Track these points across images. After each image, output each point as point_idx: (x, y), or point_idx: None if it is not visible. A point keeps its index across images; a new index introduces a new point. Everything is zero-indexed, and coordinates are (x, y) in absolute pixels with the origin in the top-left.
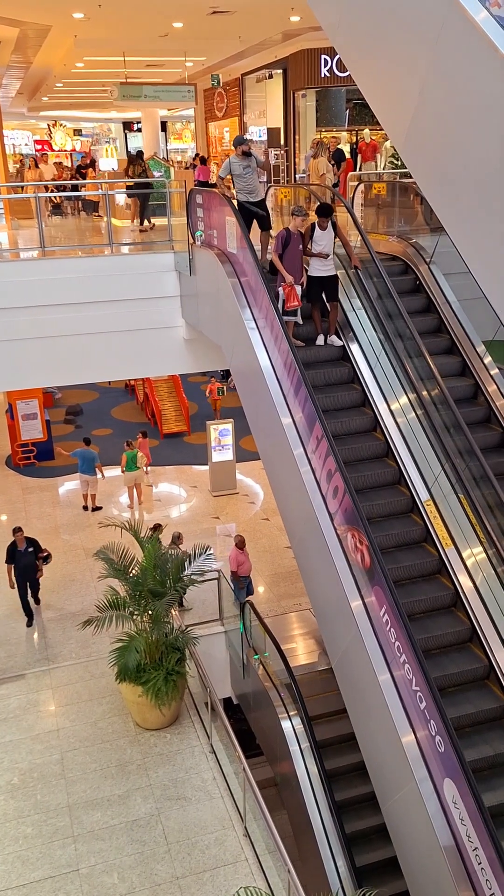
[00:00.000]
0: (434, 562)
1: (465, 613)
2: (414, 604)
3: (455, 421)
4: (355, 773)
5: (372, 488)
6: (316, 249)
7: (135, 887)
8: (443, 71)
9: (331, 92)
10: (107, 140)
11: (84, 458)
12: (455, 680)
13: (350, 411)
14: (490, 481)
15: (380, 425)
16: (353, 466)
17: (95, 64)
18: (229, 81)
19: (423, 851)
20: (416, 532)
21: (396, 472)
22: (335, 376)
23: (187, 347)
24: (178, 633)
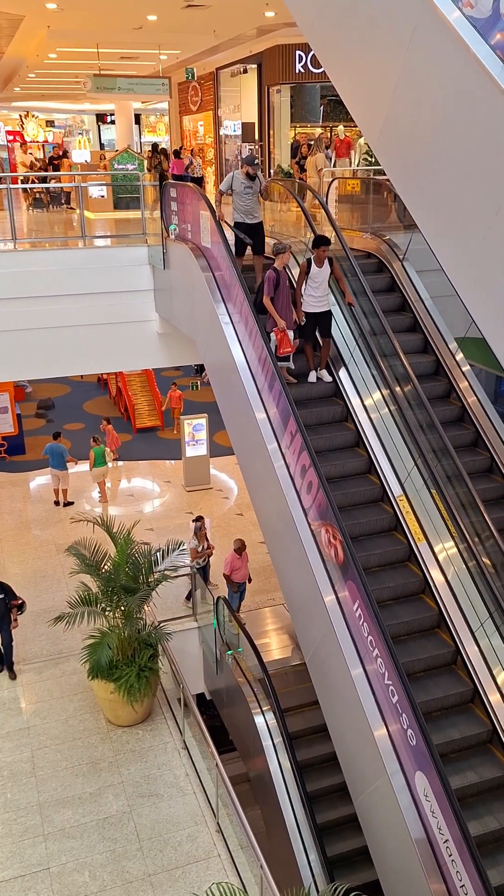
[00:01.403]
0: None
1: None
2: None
3: (430, 420)
4: (328, 763)
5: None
6: (312, 286)
7: (106, 885)
8: (416, 69)
9: (305, 88)
10: (80, 132)
11: (54, 452)
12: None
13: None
14: (463, 481)
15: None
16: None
17: (69, 55)
18: (204, 75)
19: (395, 844)
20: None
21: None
22: (327, 415)
23: (161, 342)
24: (151, 629)
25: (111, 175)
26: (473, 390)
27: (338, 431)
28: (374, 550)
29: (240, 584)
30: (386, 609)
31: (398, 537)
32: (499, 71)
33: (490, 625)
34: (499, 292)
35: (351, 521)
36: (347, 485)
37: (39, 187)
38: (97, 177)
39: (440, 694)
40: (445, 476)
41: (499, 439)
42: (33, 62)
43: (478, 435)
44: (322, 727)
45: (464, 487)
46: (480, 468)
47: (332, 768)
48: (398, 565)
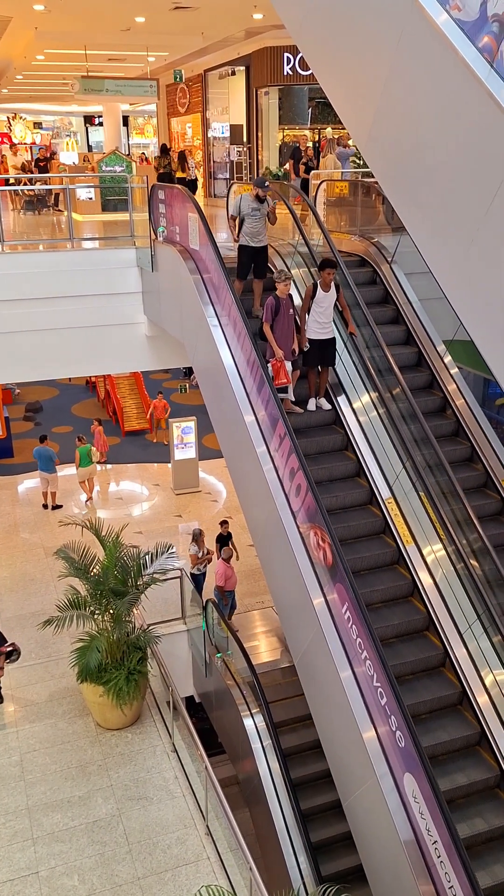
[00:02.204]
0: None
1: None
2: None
3: (412, 411)
4: (312, 750)
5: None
6: (317, 311)
7: (95, 889)
8: (404, 72)
9: (293, 90)
10: (67, 134)
11: (42, 455)
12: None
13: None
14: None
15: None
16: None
17: (56, 57)
18: (192, 77)
19: (384, 846)
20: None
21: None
22: (328, 444)
23: (149, 344)
24: (140, 632)
25: (99, 177)
26: (462, 393)
27: (338, 461)
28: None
29: (230, 592)
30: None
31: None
32: (486, 73)
33: (478, 627)
34: (486, 294)
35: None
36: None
37: (31, 189)
38: (85, 178)
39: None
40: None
41: (489, 446)
42: (21, 64)
43: (459, 426)
44: (307, 716)
45: (454, 493)
46: (475, 484)
47: (316, 755)
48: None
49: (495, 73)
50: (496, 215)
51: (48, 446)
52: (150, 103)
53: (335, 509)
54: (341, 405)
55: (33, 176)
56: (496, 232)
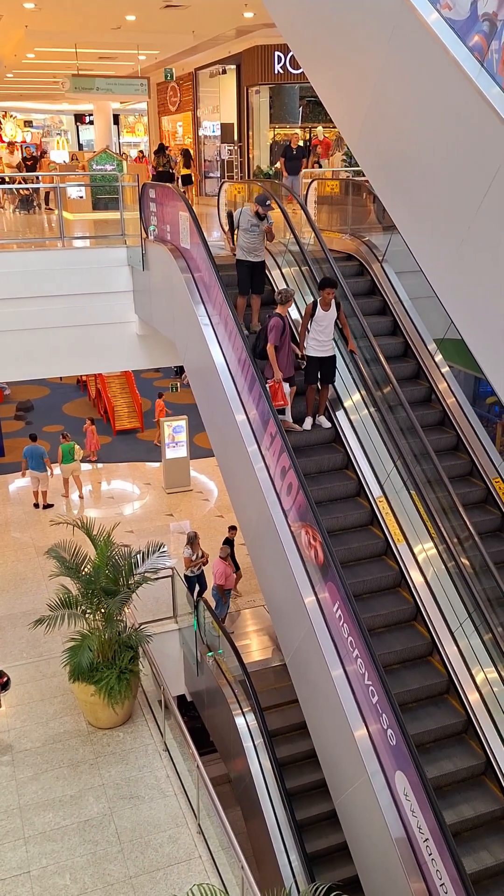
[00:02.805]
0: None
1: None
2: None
3: (410, 425)
4: (307, 760)
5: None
6: (317, 329)
7: (87, 888)
8: (395, 71)
9: (284, 89)
10: (58, 132)
11: (32, 454)
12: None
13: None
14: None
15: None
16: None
17: (47, 55)
18: (182, 76)
19: (376, 843)
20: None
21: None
22: (327, 463)
23: (140, 343)
24: (132, 631)
25: (90, 175)
26: (452, 392)
27: (339, 480)
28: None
29: (228, 590)
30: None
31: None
32: (476, 72)
33: (468, 624)
34: (477, 293)
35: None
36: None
37: (27, 189)
38: (76, 177)
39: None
40: (426, 479)
41: (479, 443)
42: (11, 62)
43: (445, 415)
44: (301, 724)
45: (444, 491)
46: (461, 471)
47: (311, 765)
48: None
49: (485, 71)
50: (487, 214)
51: (39, 445)
52: (141, 102)
53: (335, 530)
54: (341, 423)
55: (27, 174)
56: (487, 230)
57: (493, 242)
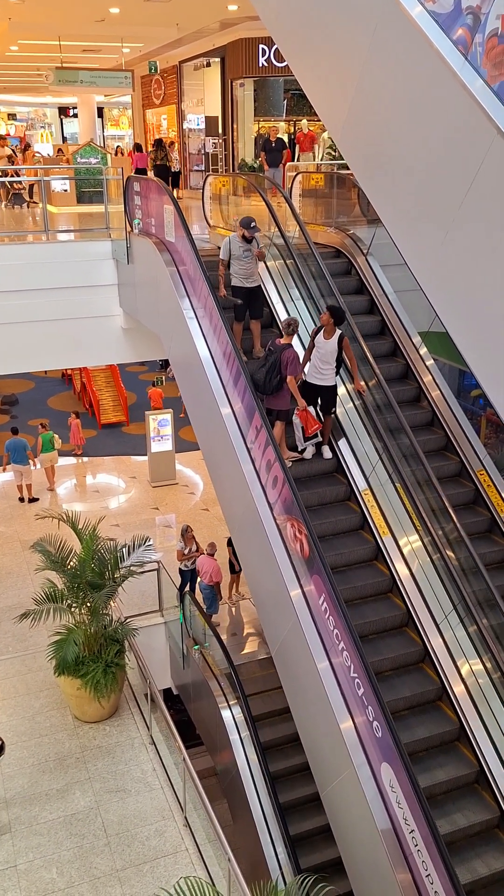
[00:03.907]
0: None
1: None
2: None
3: (392, 410)
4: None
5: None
6: (317, 355)
7: (74, 881)
8: (379, 64)
9: (269, 82)
10: (42, 125)
11: (15, 448)
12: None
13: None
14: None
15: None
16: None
17: (30, 48)
18: (167, 69)
19: (362, 835)
20: (355, 519)
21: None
22: (330, 495)
23: (125, 337)
24: (118, 624)
25: (74, 168)
26: (438, 385)
27: (342, 513)
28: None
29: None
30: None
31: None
32: (460, 66)
33: (453, 615)
34: (461, 286)
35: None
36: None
37: (19, 182)
38: (60, 170)
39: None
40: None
41: (464, 437)
42: None
43: (434, 415)
44: (285, 710)
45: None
46: (449, 472)
47: (295, 749)
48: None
49: (469, 65)
50: (471, 208)
51: (21, 438)
52: (125, 95)
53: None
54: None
55: (18, 167)
56: (471, 224)
57: (477, 235)
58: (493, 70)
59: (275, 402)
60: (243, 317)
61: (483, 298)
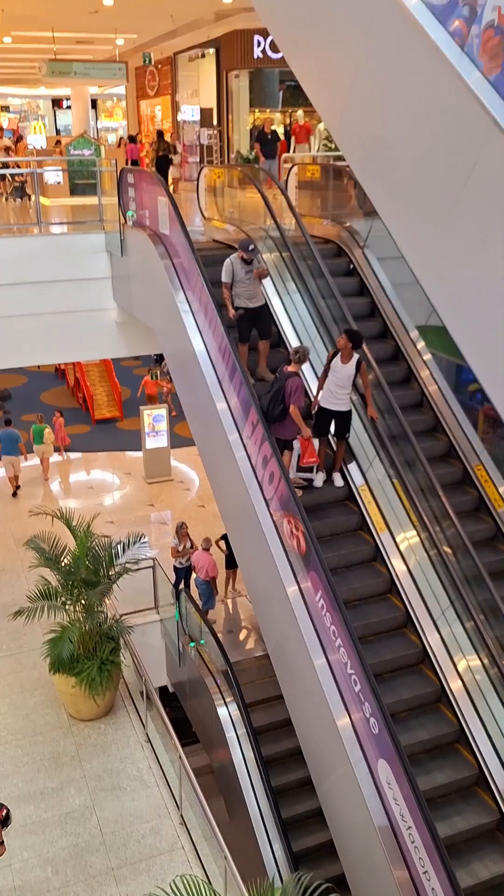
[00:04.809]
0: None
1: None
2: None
3: (390, 406)
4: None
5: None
6: (333, 378)
7: (69, 880)
8: (375, 55)
9: (264, 73)
10: (35, 117)
11: (8, 439)
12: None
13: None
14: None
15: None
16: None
17: (23, 39)
18: (161, 60)
19: (358, 832)
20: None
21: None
22: (342, 525)
23: (119, 331)
24: (113, 622)
25: (67, 160)
26: (435, 379)
27: (354, 546)
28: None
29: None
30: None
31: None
32: (457, 57)
33: (451, 612)
34: (459, 279)
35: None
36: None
37: (20, 174)
38: (53, 162)
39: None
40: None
41: (458, 427)
42: None
43: (432, 412)
44: (277, 696)
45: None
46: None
47: (286, 733)
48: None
49: (466, 56)
50: (468, 200)
51: (13, 430)
52: (119, 86)
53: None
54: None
55: (18, 159)
56: (469, 217)
57: (475, 228)
58: (490, 62)
59: (281, 430)
60: (248, 337)
61: (481, 291)
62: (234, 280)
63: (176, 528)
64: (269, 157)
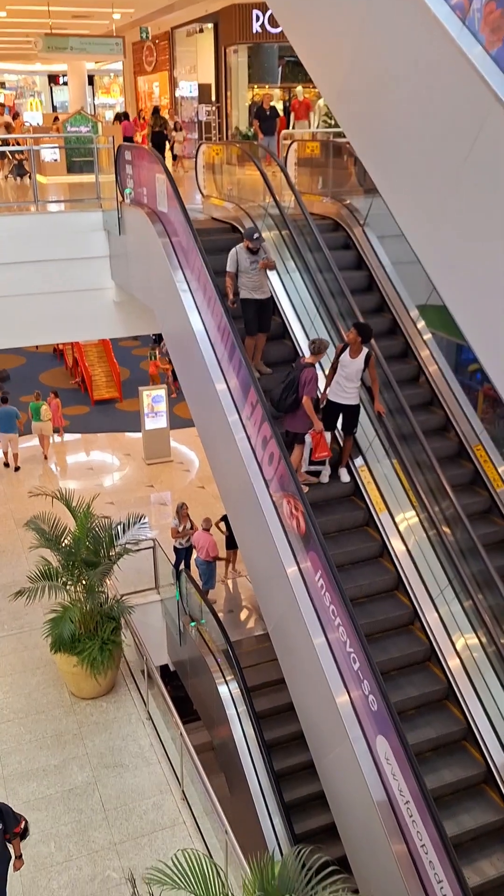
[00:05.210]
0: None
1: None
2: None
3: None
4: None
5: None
6: (342, 373)
7: (72, 855)
8: (376, 30)
9: (263, 48)
10: (31, 93)
11: (5, 416)
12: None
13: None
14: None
15: None
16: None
17: (19, 13)
18: (159, 35)
19: (358, 807)
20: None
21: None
22: (348, 521)
23: (117, 310)
24: (114, 602)
25: (64, 137)
26: (434, 359)
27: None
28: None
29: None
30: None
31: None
32: (458, 31)
33: (448, 591)
34: (458, 257)
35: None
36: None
37: (20, 152)
38: (50, 139)
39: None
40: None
41: (457, 405)
42: None
43: (434, 394)
44: (279, 681)
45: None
46: (434, 424)
47: (289, 716)
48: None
49: (467, 30)
50: (469, 175)
51: (10, 407)
52: (116, 62)
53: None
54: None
55: (19, 136)
56: (469, 193)
57: (475, 204)
58: (492, 35)
59: (292, 423)
60: (255, 330)
61: (481, 269)
62: (238, 270)
63: (176, 509)
64: (267, 134)
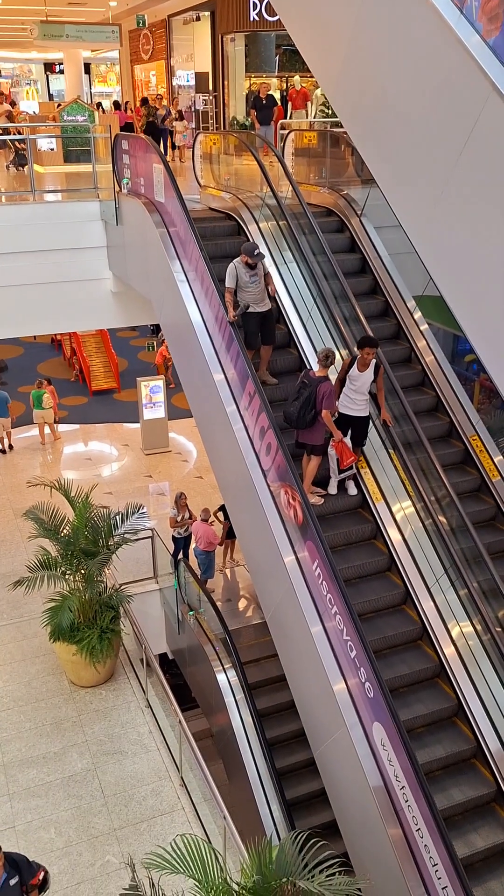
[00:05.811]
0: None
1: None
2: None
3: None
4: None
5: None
6: (351, 387)
7: (72, 841)
8: (373, 19)
9: (260, 37)
10: (27, 82)
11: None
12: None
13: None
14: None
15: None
16: None
17: (14, 0)
18: (155, 23)
19: (354, 793)
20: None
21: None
22: (355, 534)
23: (115, 301)
24: (112, 591)
25: (61, 126)
26: (432, 350)
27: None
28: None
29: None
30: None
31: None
32: (455, 19)
33: (444, 579)
34: (455, 247)
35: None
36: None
37: (21, 141)
38: (46, 129)
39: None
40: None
41: (455, 399)
42: None
43: (425, 376)
44: (281, 677)
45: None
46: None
47: (291, 715)
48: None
49: (465, 19)
50: (466, 165)
51: (2, 391)
52: (113, 50)
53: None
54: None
55: (18, 125)
56: (466, 183)
57: (472, 195)
58: (489, 24)
59: (308, 436)
60: (256, 343)
61: (477, 259)
62: (238, 285)
63: (175, 499)
64: (264, 124)
